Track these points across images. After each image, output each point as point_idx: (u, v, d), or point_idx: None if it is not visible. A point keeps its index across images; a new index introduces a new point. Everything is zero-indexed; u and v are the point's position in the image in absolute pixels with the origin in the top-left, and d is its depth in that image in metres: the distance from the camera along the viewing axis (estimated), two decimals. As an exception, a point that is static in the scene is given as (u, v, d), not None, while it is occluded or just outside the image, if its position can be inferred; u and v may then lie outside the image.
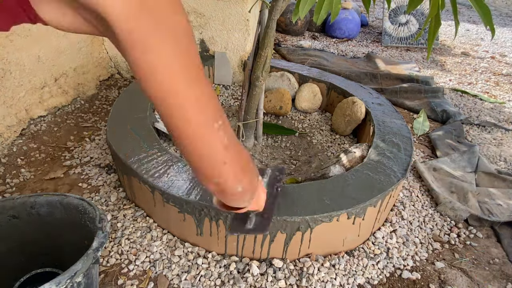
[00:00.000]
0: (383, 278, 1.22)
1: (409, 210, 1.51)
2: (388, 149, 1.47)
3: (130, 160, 1.30)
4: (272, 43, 1.50)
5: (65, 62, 2.09)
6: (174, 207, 1.19)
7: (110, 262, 1.20)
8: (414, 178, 1.71)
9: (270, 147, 1.86)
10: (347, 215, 1.16)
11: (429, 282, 1.22)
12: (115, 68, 2.57)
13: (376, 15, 4.91)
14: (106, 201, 1.44)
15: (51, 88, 2.01)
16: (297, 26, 3.71)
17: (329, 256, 1.26)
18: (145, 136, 1.46)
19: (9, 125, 1.74)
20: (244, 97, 1.65)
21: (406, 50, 3.65)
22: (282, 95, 2.05)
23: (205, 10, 2.19)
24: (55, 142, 1.81)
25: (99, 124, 2.01)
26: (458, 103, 2.54)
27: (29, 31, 1.78)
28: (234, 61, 2.35)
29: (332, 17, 1.33)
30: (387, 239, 1.36)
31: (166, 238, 1.28)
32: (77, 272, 0.75)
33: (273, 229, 1.12)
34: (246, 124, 1.70)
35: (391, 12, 3.75)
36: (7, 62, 1.69)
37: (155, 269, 1.18)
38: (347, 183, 1.25)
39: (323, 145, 1.89)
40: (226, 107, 2.20)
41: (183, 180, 1.22)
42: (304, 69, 2.30)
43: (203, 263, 1.20)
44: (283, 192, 1.17)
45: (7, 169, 1.59)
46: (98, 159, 1.70)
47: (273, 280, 1.16)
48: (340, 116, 1.92)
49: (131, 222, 1.34)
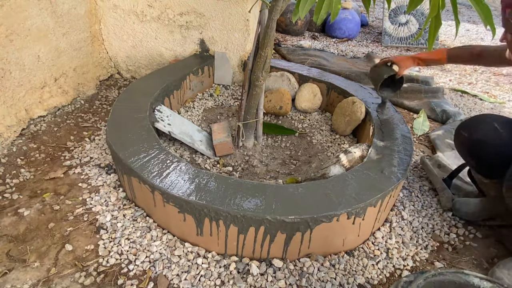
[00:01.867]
0: (383, 278, 1.22)
1: (409, 210, 1.51)
2: (388, 149, 1.47)
3: (130, 160, 1.30)
4: (272, 43, 1.50)
5: (65, 62, 2.09)
6: (174, 207, 1.19)
7: (110, 262, 1.20)
8: (414, 178, 1.71)
9: (270, 147, 1.86)
10: (347, 215, 1.16)
11: (429, 282, 1.22)
12: (115, 68, 2.57)
13: (376, 15, 4.91)
14: (106, 201, 1.44)
15: (51, 88, 2.01)
16: (297, 26, 3.71)
17: (329, 256, 1.26)
18: (145, 136, 1.46)
19: (9, 125, 1.74)
20: (244, 97, 1.65)
21: (406, 50, 3.65)
22: (282, 95, 2.05)
23: (205, 10, 2.19)
24: (55, 142, 1.81)
25: (99, 124, 2.01)
26: (458, 103, 2.53)
27: (29, 31, 1.78)
28: (234, 61, 2.35)
29: (332, 17, 1.33)
30: (387, 239, 1.36)
31: (166, 238, 1.28)
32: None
33: (273, 229, 1.12)
34: (246, 124, 1.70)
35: (391, 12, 3.74)
36: (7, 62, 1.69)
37: (155, 269, 1.18)
38: (347, 183, 1.25)
39: (323, 145, 1.89)
40: (226, 107, 2.20)
41: (183, 180, 1.22)
42: (304, 69, 2.30)
43: (203, 263, 1.20)
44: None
45: (7, 169, 1.59)
46: (98, 159, 1.70)
47: (273, 280, 1.16)
48: (340, 116, 1.92)
49: (131, 222, 1.34)
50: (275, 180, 1.59)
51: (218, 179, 1.24)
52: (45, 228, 1.32)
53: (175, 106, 2.07)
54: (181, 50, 2.38)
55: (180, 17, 2.25)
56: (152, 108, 1.72)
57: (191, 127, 1.83)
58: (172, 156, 1.35)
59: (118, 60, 2.52)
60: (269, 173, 1.67)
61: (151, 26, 2.32)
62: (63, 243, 1.26)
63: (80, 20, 2.15)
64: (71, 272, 1.16)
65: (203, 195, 1.16)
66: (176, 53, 2.40)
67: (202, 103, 2.22)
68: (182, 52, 2.39)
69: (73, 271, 1.16)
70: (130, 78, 2.57)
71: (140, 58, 2.48)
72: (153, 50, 2.42)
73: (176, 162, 1.32)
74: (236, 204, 1.12)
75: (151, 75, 2.00)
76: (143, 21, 2.30)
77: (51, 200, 1.44)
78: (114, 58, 2.51)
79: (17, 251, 1.22)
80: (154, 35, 2.35)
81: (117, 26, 2.35)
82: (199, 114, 2.11)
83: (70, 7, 2.04)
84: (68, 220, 1.36)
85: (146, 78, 1.96)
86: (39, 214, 1.37)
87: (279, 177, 1.63)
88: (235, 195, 1.17)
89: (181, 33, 2.31)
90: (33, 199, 1.44)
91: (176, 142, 1.78)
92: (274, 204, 1.13)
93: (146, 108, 1.64)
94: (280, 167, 1.72)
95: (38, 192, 1.48)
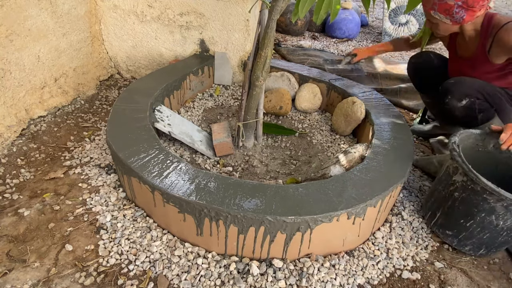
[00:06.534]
0: (383, 278, 1.22)
1: (409, 210, 1.51)
2: (388, 149, 1.47)
3: (130, 160, 1.30)
4: (272, 43, 1.50)
5: (65, 62, 2.09)
6: (174, 207, 1.19)
7: (110, 262, 1.20)
8: (414, 178, 1.71)
9: (270, 147, 1.86)
10: (347, 215, 1.16)
11: (429, 282, 1.22)
12: (115, 68, 2.57)
13: (376, 15, 4.91)
14: (106, 201, 1.44)
15: (51, 88, 2.01)
16: (297, 26, 3.71)
17: (329, 256, 1.26)
18: (145, 136, 1.46)
19: (9, 125, 1.74)
20: (244, 97, 1.65)
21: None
22: (282, 95, 2.05)
23: (205, 10, 2.19)
24: (55, 142, 1.81)
25: (99, 124, 2.01)
26: (458, 103, 2.53)
27: (29, 31, 1.78)
28: (234, 61, 2.35)
29: (331, 17, 1.33)
30: (387, 239, 1.36)
31: (166, 238, 1.28)
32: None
33: (273, 229, 1.12)
34: (246, 124, 1.70)
35: (391, 12, 3.74)
36: (7, 62, 1.69)
37: (155, 269, 1.18)
38: (347, 183, 1.25)
39: (323, 145, 1.89)
40: (226, 107, 2.20)
41: (183, 180, 1.22)
42: (304, 69, 2.30)
43: (203, 263, 1.20)
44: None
45: (7, 169, 1.59)
46: (98, 159, 1.70)
47: (273, 280, 1.16)
48: (340, 116, 1.92)
49: (131, 222, 1.34)
50: (275, 180, 1.59)
51: (218, 179, 1.24)
52: (45, 228, 1.32)
53: (175, 106, 2.07)
54: (181, 50, 2.38)
55: (180, 17, 2.25)
56: (152, 108, 1.72)
57: (191, 127, 1.83)
58: (172, 156, 1.35)
59: (118, 60, 2.52)
60: (269, 173, 1.67)
61: (151, 26, 2.32)
62: (63, 243, 1.26)
63: (80, 20, 2.15)
64: (71, 272, 1.16)
65: (203, 195, 1.16)
66: (176, 53, 2.40)
67: (202, 103, 2.22)
68: (182, 52, 2.39)
69: (73, 271, 1.16)
70: (130, 78, 2.57)
71: (140, 58, 2.48)
72: (153, 50, 2.42)
73: (176, 162, 1.32)
74: (236, 204, 1.12)
75: (151, 75, 2.00)
76: (143, 21, 2.30)
77: (51, 200, 1.44)
78: (114, 58, 2.51)
79: (17, 251, 1.22)
80: (154, 35, 2.35)
81: (117, 26, 2.35)
82: (199, 114, 2.11)
83: (70, 7, 2.05)
84: (68, 220, 1.36)
85: (146, 78, 1.96)
86: (39, 214, 1.37)
87: (279, 177, 1.63)
88: (235, 195, 1.17)
89: (181, 33, 2.31)
90: (33, 199, 1.45)
91: (176, 142, 1.78)
92: (274, 204, 1.13)
93: (146, 108, 1.64)
94: (280, 167, 1.72)
95: (38, 192, 1.48)
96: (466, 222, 1.26)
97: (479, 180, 1.15)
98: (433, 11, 1.46)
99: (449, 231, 1.33)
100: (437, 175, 1.45)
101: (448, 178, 1.31)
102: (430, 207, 1.42)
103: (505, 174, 1.38)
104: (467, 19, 1.43)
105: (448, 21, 1.45)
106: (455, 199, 1.27)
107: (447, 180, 1.32)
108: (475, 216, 1.22)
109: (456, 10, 1.40)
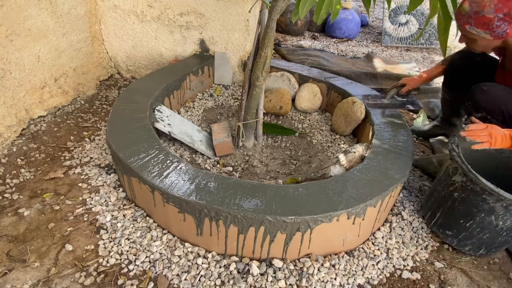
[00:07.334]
0: (383, 278, 1.22)
1: (409, 210, 1.51)
2: (388, 149, 1.47)
3: (130, 160, 1.30)
4: (272, 43, 1.50)
5: (65, 62, 2.09)
6: (174, 207, 1.19)
7: (110, 262, 1.20)
8: (414, 178, 1.71)
9: (270, 147, 1.86)
10: (347, 215, 1.16)
11: (429, 282, 1.23)
12: (115, 68, 2.57)
13: (376, 15, 4.91)
14: (106, 201, 1.44)
15: (51, 88, 2.01)
16: (297, 26, 3.71)
17: (329, 256, 1.26)
18: (145, 136, 1.46)
19: (9, 125, 1.74)
20: (244, 97, 1.65)
21: (406, 50, 3.65)
22: (282, 95, 2.05)
23: (205, 10, 2.19)
24: (55, 142, 1.81)
25: (99, 124, 2.01)
26: (458, 103, 2.53)
27: (29, 31, 1.78)
28: (234, 61, 2.35)
29: (331, 17, 1.33)
30: (387, 239, 1.37)
31: (166, 238, 1.28)
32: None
33: (273, 229, 1.12)
34: (246, 124, 1.70)
35: (391, 12, 3.74)
36: (7, 62, 1.69)
37: (155, 269, 1.18)
38: (347, 183, 1.25)
39: (323, 145, 1.89)
40: (226, 107, 2.20)
41: (183, 180, 1.22)
42: (304, 69, 2.30)
43: (203, 263, 1.20)
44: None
45: (7, 169, 1.59)
46: (98, 159, 1.70)
47: (273, 280, 1.16)
48: (340, 116, 1.92)
49: (131, 222, 1.34)
50: (275, 180, 1.59)
51: (218, 179, 1.24)
52: (45, 228, 1.32)
53: (175, 106, 2.07)
54: (181, 50, 2.38)
55: (180, 17, 2.25)
56: (152, 108, 1.72)
57: (191, 127, 1.83)
58: (172, 156, 1.35)
59: (118, 60, 2.52)
60: (269, 173, 1.67)
61: (151, 26, 2.32)
62: (63, 243, 1.26)
63: (80, 20, 2.15)
64: (71, 272, 1.16)
65: (203, 195, 1.16)
66: (176, 53, 2.40)
67: (202, 103, 2.22)
68: (182, 52, 2.39)
69: (73, 271, 1.16)
70: (130, 78, 2.57)
71: (140, 58, 2.48)
72: (153, 50, 2.42)
73: (176, 162, 1.32)
74: (236, 204, 1.12)
75: (151, 75, 2.00)
76: (143, 21, 2.30)
77: (51, 200, 1.44)
78: (114, 58, 2.51)
79: (17, 251, 1.22)
80: (154, 35, 2.35)
81: (117, 26, 2.35)
82: (199, 114, 2.11)
83: (70, 7, 2.05)
84: (68, 220, 1.36)
85: (146, 78, 1.96)
86: (39, 214, 1.37)
87: (279, 177, 1.63)
88: (235, 195, 1.17)
89: (181, 33, 2.31)
90: (33, 199, 1.45)
91: (176, 142, 1.78)
92: (274, 204, 1.13)
93: (146, 108, 1.64)
94: (280, 167, 1.72)
95: (38, 192, 1.48)
96: (466, 222, 1.26)
97: (479, 181, 1.15)
98: (469, 26, 1.31)
99: (449, 231, 1.33)
100: (437, 175, 1.45)
101: (448, 178, 1.31)
102: (430, 207, 1.42)
103: (505, 174, 1.38)
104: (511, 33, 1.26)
105: (488, 36, 1.29)
106: (454, 199, 1.27)
107: (446, 181, 1.32)
108: (475, 216, 1.22)
109: (497, 24, 1.25)
